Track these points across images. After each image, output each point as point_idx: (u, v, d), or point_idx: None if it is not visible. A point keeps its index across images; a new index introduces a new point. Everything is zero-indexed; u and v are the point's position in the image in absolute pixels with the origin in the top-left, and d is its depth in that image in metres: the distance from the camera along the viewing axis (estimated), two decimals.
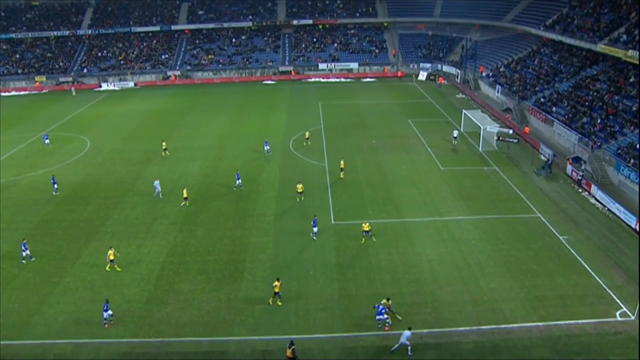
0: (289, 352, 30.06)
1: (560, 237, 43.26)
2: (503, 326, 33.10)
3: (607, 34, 72.11)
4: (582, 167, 56.85)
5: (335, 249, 41.73)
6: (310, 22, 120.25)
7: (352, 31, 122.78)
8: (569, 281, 37.46)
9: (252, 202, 49.77)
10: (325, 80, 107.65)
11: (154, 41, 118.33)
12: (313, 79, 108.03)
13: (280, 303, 35.39)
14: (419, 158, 61.12)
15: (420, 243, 42.44)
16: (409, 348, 30.85)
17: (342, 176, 55.71)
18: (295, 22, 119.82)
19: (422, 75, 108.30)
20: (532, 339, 32.05)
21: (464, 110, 71.71)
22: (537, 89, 78.82)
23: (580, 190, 52.99)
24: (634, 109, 59.94)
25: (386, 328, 32.80)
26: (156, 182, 51.27)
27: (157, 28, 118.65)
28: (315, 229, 43.56)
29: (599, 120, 61.59)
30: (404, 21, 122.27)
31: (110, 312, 33.95)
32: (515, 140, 64.85)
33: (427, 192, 51.75)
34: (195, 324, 33.86)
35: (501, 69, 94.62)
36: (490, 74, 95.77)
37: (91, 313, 34.94)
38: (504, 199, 50.61)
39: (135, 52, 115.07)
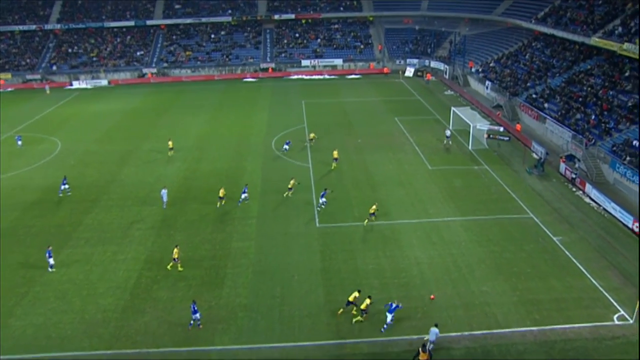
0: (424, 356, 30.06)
1: (554, 238, 43.55)
2: (496, 331, 33.23)
3: (602, 26, 72.75)
4: (576, 165, 57.31)
5: (320, 252, 41.68)
6: (293, 16, 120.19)
7: (336, 26, 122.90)
8: (563, 284, 37.71)
9: (233, 205, 49.53)
10: (308, 77, 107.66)
11: (129, 37, 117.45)
12: (296, 76, 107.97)
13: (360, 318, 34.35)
14: (407, 157, 61.29)
15: (408, 246, 42.52)
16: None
17: (334, 166, 57.41)
18: (276, 16, 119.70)
19: (409, 72, 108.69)
20: (526, 344, 32.20)
21: (452, 108, 72.00)
22: (528, 84, 79.37)
23: (574, 189, 53.40)
24: (630, 104, 60.54)
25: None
26: (163, 191, 49.99)
27: (132, 23, 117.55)
28: (322, 199, 48.48)
29: (593, 117, 62.13)
30: (390, 15, 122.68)
31: (199, 314, 33.89)
32: (506, 138, 65.22)
33: (415, 193, 51.88)
34: (174, 333, 33.62)
35: (491, 64, 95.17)
36: (480, 70, 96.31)
37: (63, 325, 34.52)
38: (495, 199, 50.88)
39: (108, 49, 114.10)
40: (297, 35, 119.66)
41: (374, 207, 46.68)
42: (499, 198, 51.03)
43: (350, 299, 34.67)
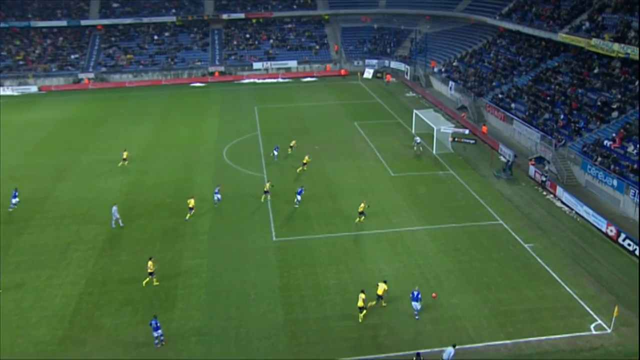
0: None
1: (526, 245, 44.18)
2: (468, 346, 33.42)
3: (568, 21, 74.52)
4: (546, 167, 58.37)
5: (278, 268, 41.45)
6: (242, 16, 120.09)
7: (289, 26, 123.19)
8: (537, 293, 38.21)
9: (182, 220, 48.96)
10: (260, 81, 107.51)
11: (61, 38, 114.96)
12: (247, 80, 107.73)
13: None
14: (368, 164, 61.60)
15: (372, 258, 42.61)
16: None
17: (300, 170, 59.07)
18: (225, 16, 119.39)
19: (368, 73, 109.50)
20: (500, 359, 32.45)
21: (414, 110, 72.69)
22: (494, 84, 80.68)
23: (544, 192, 54.35)
24: (600, 102, 61.98)
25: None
26: (114, 209, 48.93)
27: (64, 23, 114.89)
28: (299, 197, 50.91)
29: (562, 116, 63.44)
30: (347, 13, 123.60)
31: (161, 330, 33.33)
32: (472, 141, 66.08)
33: (377, 202, 52.06)
34: None
35: (454, 64, 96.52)
36: (443, 69, 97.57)
37: None
38: (462, 205, 51.45)
39: (37, 51, 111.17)
40: (247, 36, 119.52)
41: (362, 205, 48.05)
42: (466, 204, 51.62)
43: (380, 292, 36.58)
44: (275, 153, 63.75)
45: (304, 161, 60.20)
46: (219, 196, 52.34)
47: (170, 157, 64.67)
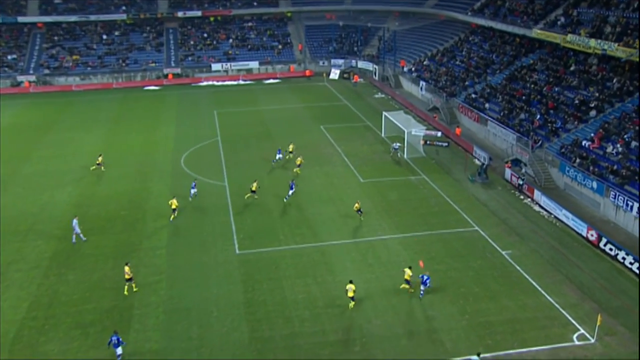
0: None
1: (503, 252, 44.58)
2: None
3: (543, 17, 75.62)
4: (523, 170, 59.04)
5: (242, 283, 41.18)
6: (199, 13, 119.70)
7: (250, 24, 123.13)
8: (516, 303, 38.53)
9: (137, 234, 48.43)
10: (220, 83, 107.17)
11: None
12: (206, 83, 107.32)
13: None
14: (335, 170, 61.75)
15: (342, 270, 42.58)
16: None
17: (296, 171, 60.44)
18: (180, 14, 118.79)
19: (334, 74, 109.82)
20: None
21: (384, 112, 73.16)
22: (466, 83, 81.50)
23: (521, 197, 54.97)
24: (577, 101, 62.91)
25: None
26: (74, 222, 47.96)
27: None
28: (291, 192, 53.53)
29: (538, 116, 64.28)
30: (310, 10, 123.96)
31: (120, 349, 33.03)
32: (445, 144, 66.62)
33: (346, 210, 52.06)
34: None
35: (425, 62, 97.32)
36: (413, 69, 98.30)
37: None
38: (435, 211, 51.79)
39: None
40: (205, 35, 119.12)
41: (357, 204, 49.89)
42: (440, 211, 51.96)
43: (407, 277, 39.38)
44: (279, 157, 63.75)
45: (298, 162, 61.33)
46: (195, 190, 54.63)
47: (123, 167, 63.94)
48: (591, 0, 71.25)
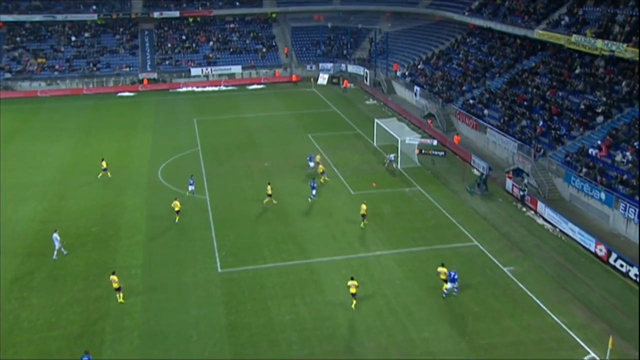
0: None
1: (505, 269, 44.47)
2: None
3: (545, 16, 75.92)
4: (525, 180, 59.04)
5: (224, 304, 40.93)
6: (177, 14, 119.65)
7: (232, 25, 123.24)
8: (520, 323, 38.40)
9: (110, 252, 48.03)
10: (200, 89, 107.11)
11: None
12: (185, 88, 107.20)
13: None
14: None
15: (331, 289, 42.38)
16: None
17: (323, 180, 61.03)
18: (156, 14, 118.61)
19: (323, 79, 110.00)
20: None
21: (376, 120, 73.29)
22: (464, 88, 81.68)
23: (524, 209, 54.98)
24: (583, 106, 63.04)
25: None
26: (55, 236, 47.61)
27: None
28: (314, 192, 56.27)
29: (540, 123, 64.38)
30: (297, 11, 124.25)
31: None
32: (441, 153, 66.68)
33: (336, 224, 52.08)
34: None
35: (419, 66, 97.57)
36: (407, 73, 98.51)
37: None
38: (432, 225, 51.75)
39: None
40: (183, 37, 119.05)
41: (363, 207, 51.25)
42: (437, 224, 51.90)
43: (443, 277, 41.20)
44: (311, 164, 63.93)
45: (320, 170, 61.70)
46: (193, 187, 57.90)
47: (94, 179, 63.52)
48: None
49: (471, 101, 77.14)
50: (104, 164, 64.27)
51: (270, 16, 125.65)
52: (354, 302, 39.70)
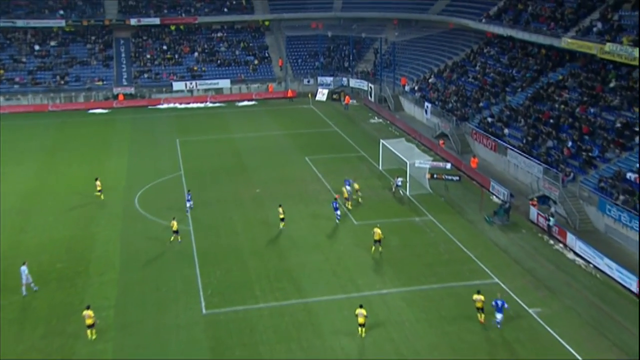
0: None
1: (530, 310, 44.03)
2: None
3: (575, 23, 75.83)
4: (552, 209, 58.75)
5: (210, 350, 40.67)
6: (157, 21, 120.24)
7: (220, 34, 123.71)
8: None
9: (78, 292, 47.55)
10: (183, 106, 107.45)
11: None
12: (166, 105, 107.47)
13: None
14: (324, 210, 61.44)
15: (331, 332, 42.07)
16: None
17: (359, 199, 62.95)
18: (133, 21, 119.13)
19: (322, 94, 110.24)
20: None
21: (381, 140, 73.32)
22: (481, 104, 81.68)
23: (551, 241, 54.64)
24: (618, 124, 62.83)
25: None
26: (23, 269, 47.33)
27: None
28: (338, 212, 58.30)
29: (569, 143, 64.23)
30: (293, 18, 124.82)
31: None
32: (456, 178, 66.48)
33: (337, 258, 51.83)
34: None
35: (430, 80, 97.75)
36: (416, 88, 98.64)
37: None
38: (445, 260, 51.44)
39: None
40: (164, 47, 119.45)
41: (378, 231, 51.73)
42: (452, 259, 51.60)
43: (479, 305, 41.99)
44: (348, 188, 63.89)
45: (356, 188, 63.61)
46: (191, 203, 61.29)
47: (60, 208, 63.27)
48: (636, 1, 71.32)
49: (489, 119, 77.11)
50: (98, 184, 64.93)
51: (262, 24, 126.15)
52: (363, 331, 40.20)
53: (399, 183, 65.10)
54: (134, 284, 48.74)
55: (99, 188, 65.00)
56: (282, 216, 57.24)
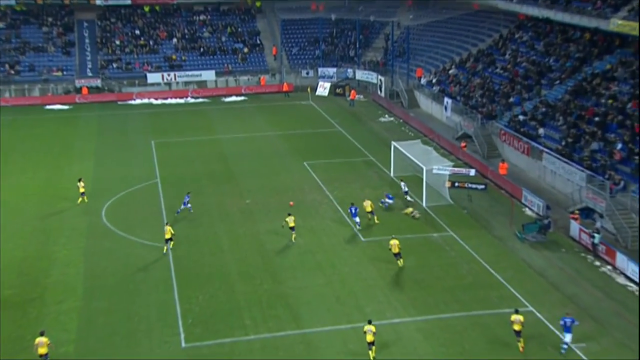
0: None
1: (573, 346, 43.66)
2: None
3: (626, 1, 75.37)
4: (597, 224, 58.40)
5: None
6: (128, 1, 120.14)
7: (203, 17, 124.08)
8: None
9: (31, 323, 47.07)
10: (160, 101, 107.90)
11: None
12: (139, 100, 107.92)
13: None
14: (325, 224, 61.77)
15: None
16: None
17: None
18: (99, 1, 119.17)
19: (323, 88, 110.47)
20: None
21: (393, 143, 73.25)
22: (511, 100, 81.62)
23: (597, 262, 54.39)
24: None
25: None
26: None
27: None
28: (357, 219, 60.07)
29: (619, 146, 64.02)
30: None
31: None
32: (481, 187, 66.37)
33: (341, 281, 51.67)
34: None
35: (451, 71, 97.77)
36: (434, 81, 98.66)
37: None
38: (469, 284, 51.27)
39: None
40: (137, 32, 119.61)
41: (396, 243, 52.95)
42: (476, 282, 51.41)
43: (516, 328, 42.15)
44: (390, 201, 64.81)
45: (368, 210, 62.54)
46: (189, 205, 63.45)
47: (10, 223, 63.14)
48: None
49: (521, 117, 76.99)
50: (81, 185, 65.49)
51: (253, 5, 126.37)
52: (373, 351, 40.61)
53: (406, 190, 65.43)
54: (100, 314, 48.40)
55: (82, 190, 65.43)
56: (292, 224, 57.71)
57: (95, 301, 49.87)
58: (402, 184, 66.55)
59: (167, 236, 55.71)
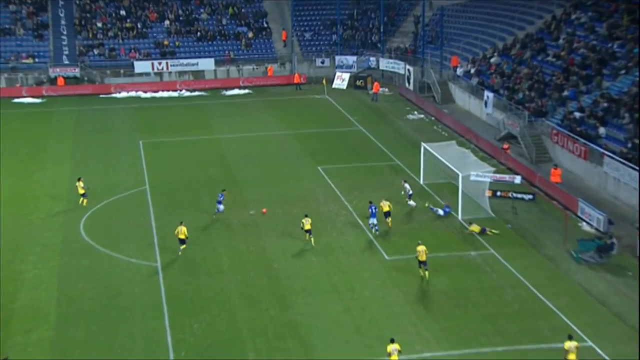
0: None
1: None
2: None
3: None
4: None
5: None
6: None
7: None
8: None
9: None
10: (149, 95, 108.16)
11: None
12: (125, 93, 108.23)
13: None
14: (343, 240, 61.73)
15: None
16: None
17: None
18: None
19: (341, 80, 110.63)
20: None
21: (423, 144, 73.16)
22: (566, 93, 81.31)
23: None
24: None
25: None
26: None
27: None
28: (374, 220, 62.13)
29: None
30: None
31: None
32: (529, 197, 66.21)
33: (361, 308, 51.49)
34: None
35: (493, 60, 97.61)
36: (472, 71, 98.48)
37: None
38: (514, 312, 51.01)
39: None
40: (122, 12, 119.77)
41: (423, 249, 54.15)
42: (523, 310, 51.13)
43: (571, 358, 42.25)
44: (441, 213, 65.58)
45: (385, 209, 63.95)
46: (222, 207, 65.17)
47: None
48: None
49: (577, 114, 76.70)
50: (80, 185, 66.54)
51: None
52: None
53: (410, 192, 65.70)
54: (76, 345, 48.33)
55: (81, 191, 66.15)
56: (308, 227, 59.16)
57: (71, 330, 49.79)
58: (406, 185, 66.72)
59: (182, 237, 57.18)
